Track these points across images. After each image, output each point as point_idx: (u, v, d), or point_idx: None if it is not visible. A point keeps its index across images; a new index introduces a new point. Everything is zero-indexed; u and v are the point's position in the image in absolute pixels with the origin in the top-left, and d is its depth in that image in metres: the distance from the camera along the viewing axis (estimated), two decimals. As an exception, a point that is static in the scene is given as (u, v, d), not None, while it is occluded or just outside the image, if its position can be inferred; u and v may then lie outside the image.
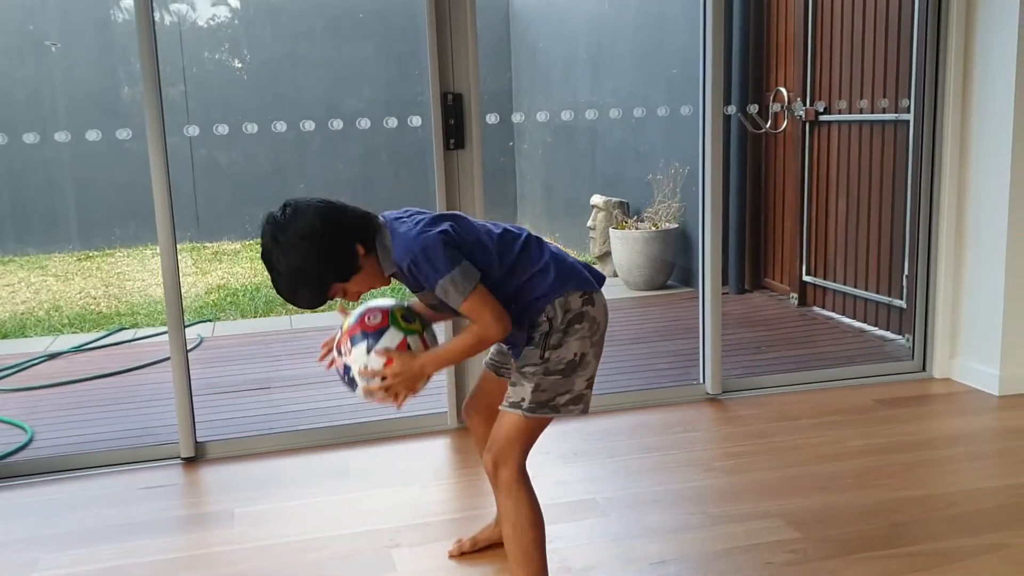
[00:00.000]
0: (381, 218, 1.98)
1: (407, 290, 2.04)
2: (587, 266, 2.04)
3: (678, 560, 2.30)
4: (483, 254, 1.92)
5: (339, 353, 1.99)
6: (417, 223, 1.92)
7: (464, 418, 2.29)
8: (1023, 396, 3.42)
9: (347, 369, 1.97)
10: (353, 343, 1.96)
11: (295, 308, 2.18)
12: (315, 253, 1.87)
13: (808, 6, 4.77)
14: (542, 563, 2.00)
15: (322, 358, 2.08)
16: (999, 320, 3.41)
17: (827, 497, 2.62)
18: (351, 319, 2.00)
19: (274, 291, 1.96)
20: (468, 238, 1.93)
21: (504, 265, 1.94)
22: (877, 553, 2.30)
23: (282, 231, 1.88)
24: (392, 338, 1.95)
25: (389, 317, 1.97)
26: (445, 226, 1.90)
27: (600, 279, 2.05)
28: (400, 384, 1.94)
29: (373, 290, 2.02)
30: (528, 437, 1.99)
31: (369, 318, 1.97)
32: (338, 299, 1.99)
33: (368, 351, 1.93)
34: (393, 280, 2.00)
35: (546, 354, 1.95)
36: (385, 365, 1.93)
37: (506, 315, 1.90)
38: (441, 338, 2.10)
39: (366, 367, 1.94)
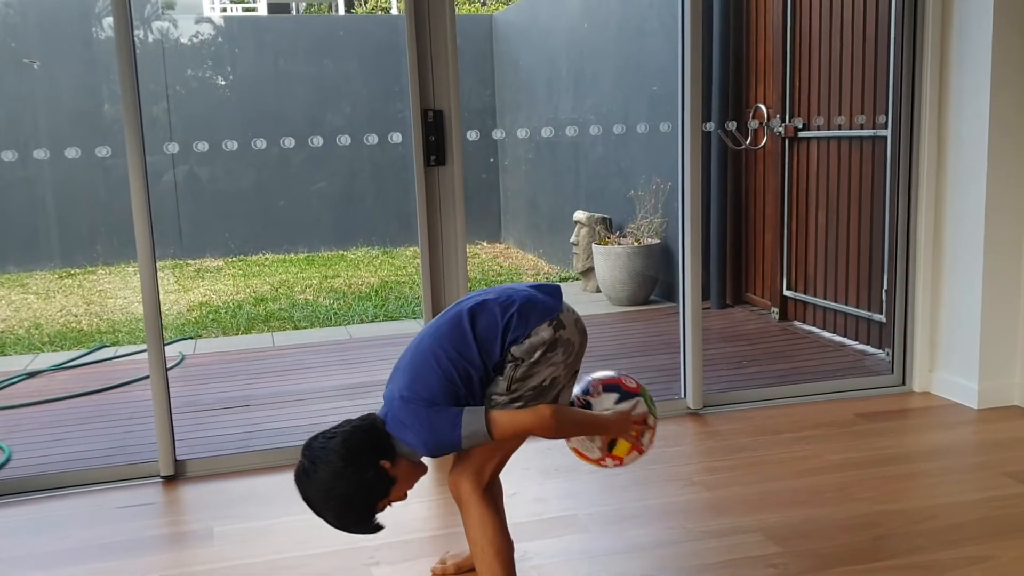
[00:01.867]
0: (380, 417, 2.02)
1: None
2: (539, 287, 2.05)
3: (659, 575, 2.30)
4: (476, 377, 1.96)
5: (586, 393, 2.17)
6: (396, 414, 1.97)
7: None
8: (1001, 409, 3.44)
9: (587, 405, 2.16)
10: (604, 390, 2.17)
11: (276, 327, 2.24)
12: (346, 493, 1.93)
13: (787, 24, 4.81)
14: None
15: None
16: (977, 334, 3.43)
17: (808, 511, 2.63)
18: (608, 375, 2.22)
19: (256, 308, 1.98)
20: (435, 393, 1.94)
21: (477, 364, 1.96)
22: (858, 567, 2.30)
23: (309, 487, 1.95)
24: (639, 407, 2.18)
25: (642, 390, 2.22)
26: (410, 397, 1.95)
27: (557, 294, 2.04)
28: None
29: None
30: (489, 456, 2.02)
31: (627, 380, 2.22)
32: None
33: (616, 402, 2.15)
34: None
35: (513, 386, 1.96)
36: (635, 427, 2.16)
37: (539, 411, 1.96)
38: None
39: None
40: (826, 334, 4.71)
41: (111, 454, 3.39)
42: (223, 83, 7.61)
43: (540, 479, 2.93)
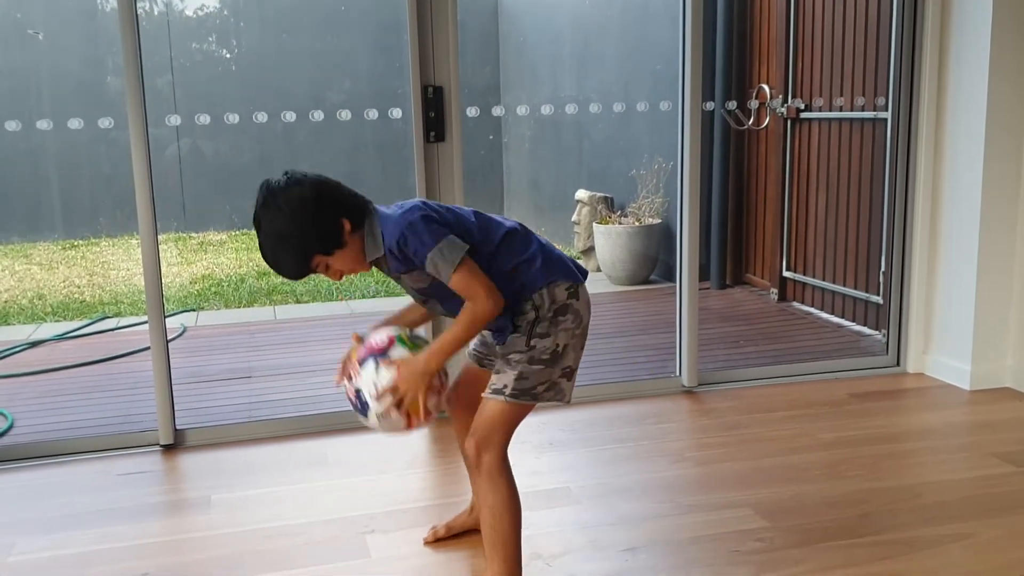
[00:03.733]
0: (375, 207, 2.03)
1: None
2: (573, 261, 2.09)
3: (648, 547, 2.34)
4: (465, 234, 1.96)
5: (350, 380, 2.02)
6: (402, 208, 1.98)
7: (446, 408, 2.31)
8: (993, 391, 3.47)
9: (358, 393, 2.00)
10: (362, 366, 2.00)
11: (279, 300, 2.24)
12: (302, 220, 1.92)
13: (790, 6, 4.81)
14: (516, 549, 2.04)
15: (339, 381, 2.08)
16: (971, 317, 3.46)
17: (796, 487, 2.67)
18: (360, 349, 2.04)
19: (258, 282, 2.00)
20: (448, 217, 1.98)
21: (485, 249, 1.98)
22: (843, 542, 2.34)
23: (274, 196, 1.94)
24: (399, 352, 2.00)
25: (396, 339, 2.03)
26: (423, 208, 1.96)
27: (584, 273, 2.09)
28: (411, 390, 1.97)
29: (354, 274, 2.06)
30: (510, 423, 2.03)
31: (376, 341, 2.02)
32: (331, 280, 2.02)
33: (376, 368, 1.98)
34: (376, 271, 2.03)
35: (532, 342, 1.99)
36: (395, 377, 1.96)
37: (497, 290, 1.94)
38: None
39: (375, 386, 1.97)
40: (824, 315, 4.74)
41: (112, 423, 3.44)
42: (227, 56, 7.61)
43: (535, 453, 2.98)
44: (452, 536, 2.40)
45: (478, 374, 2.18)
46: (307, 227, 1.92)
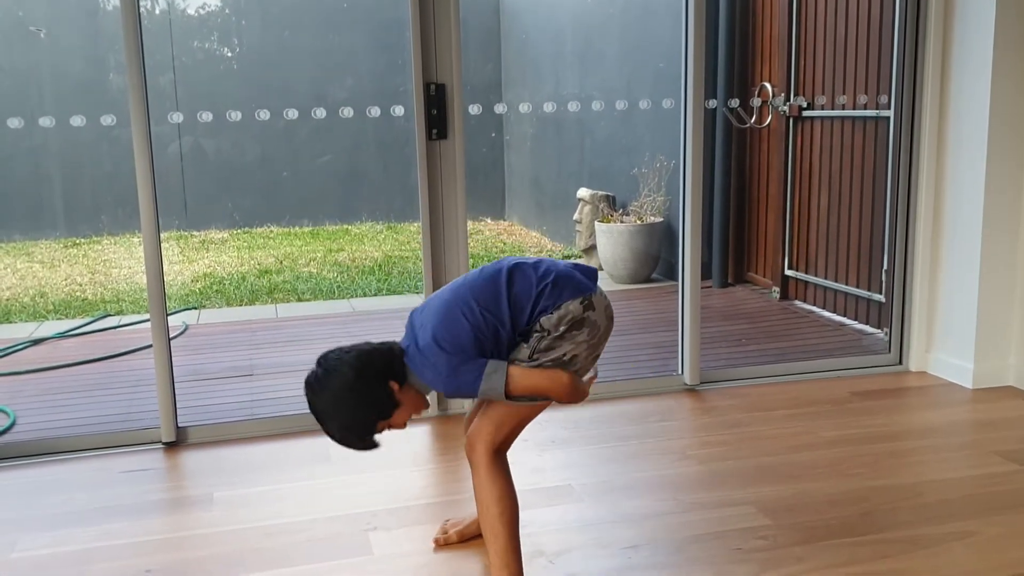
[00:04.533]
0: (401, 347, 2.05)
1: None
2: (578, 266, 2.07)
3: (650, 545, 2.34)
4: (488, 341, 1.98)
5: None
6: (422, 349, 1.99)
7: (465, 431, 2.30)
8: (996, 389, 3.47)
9: None
10: None
11: (280, 298, 2.28)
12: (353, 405, 1.99)
13: (793, 4, 4.81)
14: (509, 540, 2.04)
15: None
16: (973, 315, 3.46)
17: (798, 485, 2.66)
18: None
19: (259, 281, 2.02)
20: (464, 343, 1.97)
21: (523, 320, 2.00)
22: (845, 540, 2.34)
23: (319, 394, 2.00)
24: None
25: None
26: (441, 340, 1.96)
27: (593, 276, 2.08)
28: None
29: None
30: (504, 421, 2.03)
31: None
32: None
33: None
34: None
35: (535, 355, 1.99)
36: None
37: (558, 375, 1.98)
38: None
39: None
40: (826, 313, 4.73)
41: (114, 420, 3.44)
42: (229, 55, 7.61)
43: (538, 450, 2.97)
44: (464, 541, 2.38)
45: None
46: (360, 408, 1.99)
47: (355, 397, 1.98)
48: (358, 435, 2.03)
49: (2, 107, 6.83)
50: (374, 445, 2.06)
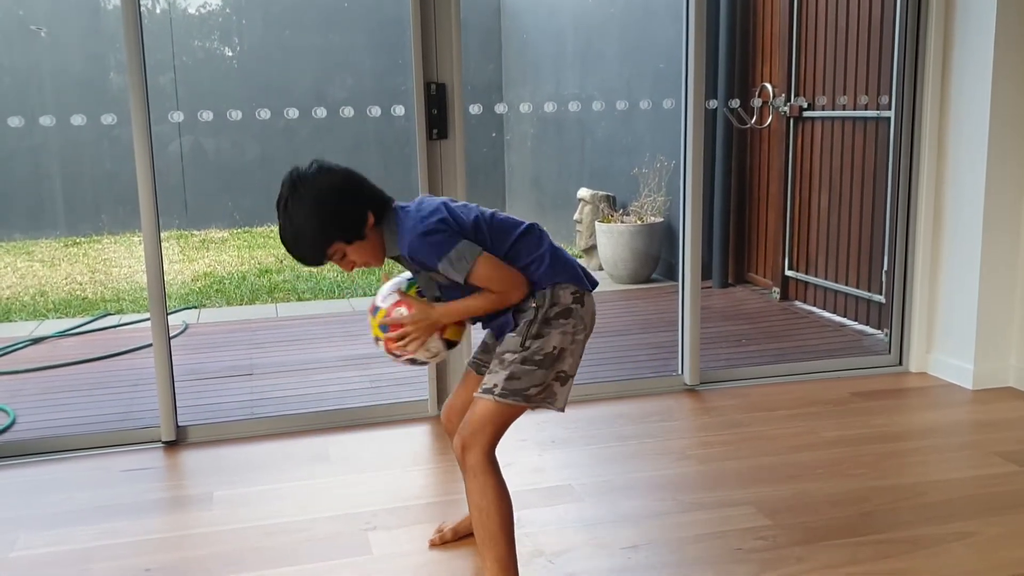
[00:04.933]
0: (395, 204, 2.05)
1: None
2: (584, 270, 2.09)
3: (649, 545, 2.34)
4: (477, 238, 1.98)
5: (372, 312, 2.13)
6: (420, 209, 2.00)
7: (443, 417, 2.30)
8: (996, 390, 3.47)
9: (375, 310, 2.11)
10: (382, 291, 2.12)
11: (280, 298, 2.26)
12: (329, 208, 1.95)
13: (793, 4, 4.81)
14: (507, 546, 2.03)
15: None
16: (973, 316, 3.46)
17: (799, 486, 2.66)
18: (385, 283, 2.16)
19: (260, 280, 2.01)
20: (464, 221, 1.99)
21: (498, 251, 1.99)
22: (845, 540, 2.34)
23: (303, 181, 1.97)
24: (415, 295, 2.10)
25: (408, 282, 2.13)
26: (440, 211, 1.97)
27: (593, 283, 2.09)
28: (416, 329, 2.03)
29: (366, 267, 2.09)
30: (498, 423, 2.02)
31: (397, 279, 2.15)
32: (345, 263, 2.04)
33: (392, 293, 2.09)
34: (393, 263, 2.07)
35: (527, 342, 1.98)
36: (406, 311, 2.04)
37: (521, 276, 1.98)
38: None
39: (385, 304, 2.08)
40: (826, 314, 4.73)
41: (114, 419, 3.44)
42: (230, 54, 7.61)
43: (538, 450, 2.97)
44: (460, 539, 2.39)
45: (476, 383, 2.17)
46: (332, 214, 1.95)
47: (334, 203, 1.95)
48: (312, 244, 1.97)
49: (3, 106, 6.83)
50: (318, 263, 2.01)
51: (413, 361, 2.13)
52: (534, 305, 1.99)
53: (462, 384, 2.25)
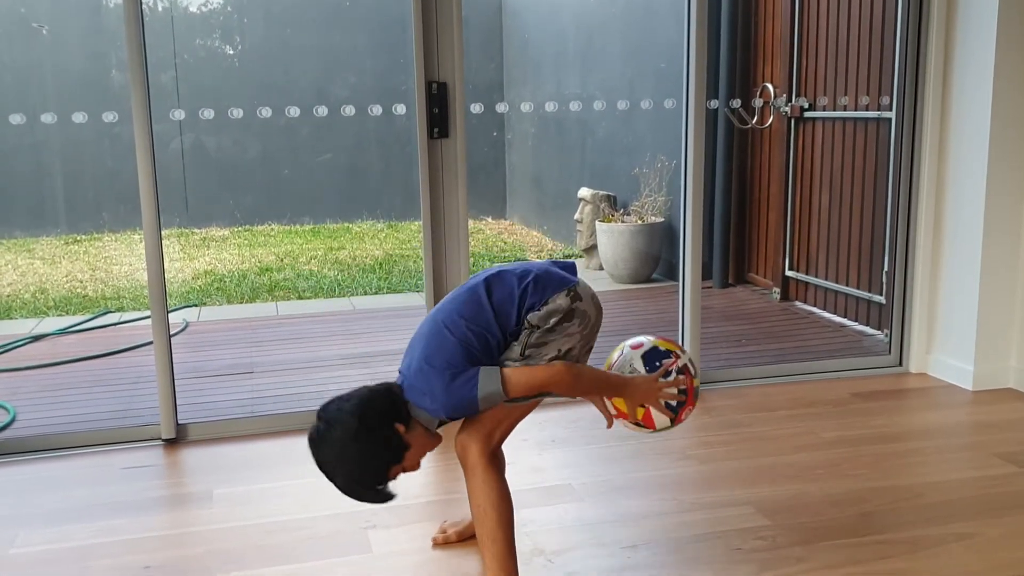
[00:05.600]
0: (398, 385, 2.02)
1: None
2: (555, 262, 2.08)
3: (649, 544, 2.34)
4: (488, 346, 1.97)
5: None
6: (413, 381, 1.98)
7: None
8: (996, 391, 3.47)
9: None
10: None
11: (281, 296, 2.24)
12: (359, 455, 1.93)
13: (795, 5, 4.81)
14: (507, 545, 2.03)
15: None
16: (974, 317, 3.45)
17: (798, 486, 2.66)
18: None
19: (260, 278, 2.00)
20: (454, 356, 1.96)
21: (494, 330, 1.98)
22: (845, 541, 2.34)
23: (322, 449, 1.95)
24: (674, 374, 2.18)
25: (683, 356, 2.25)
26: (435, 368, 1.95)
27: (572, 269, 2.09)
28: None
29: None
30: (498, 422, 2.02)
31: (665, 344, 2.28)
32: None
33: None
34: None
35: (527, 351, 1.98)
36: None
37: (553, 365, 1.96)
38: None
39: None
40: (826, 314, 4.73)
41: (114, 417, 3.44)
42: (231, 52, 7.61)
43: (538, 450, 2.97)
44: (463, 540, 2.38)
45: None
46: (369, 456, 1.93)
47: (361, 446, 1.92)
48: (369, 485, 1.96)
49: (4, 103, 6.84)
50: (389, 495, 1.98)
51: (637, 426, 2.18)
52: (528, 326, 1.99)
53: None
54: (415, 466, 2.01)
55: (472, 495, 2.03)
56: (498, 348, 1.99)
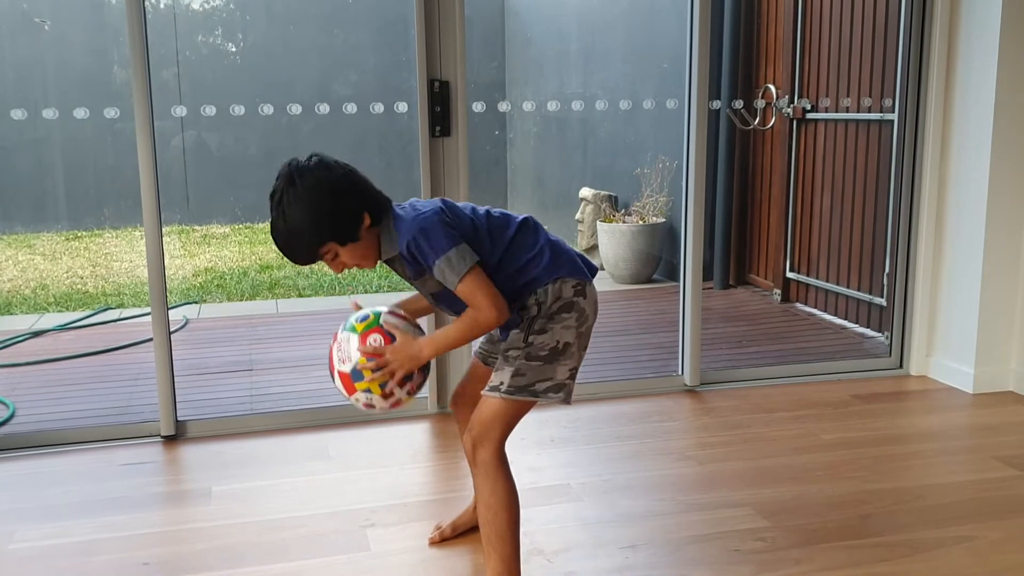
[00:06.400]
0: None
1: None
2: (582, 256, 2.07)
3: (648, 545, 2.34)
4: (475, 240, 1.95)
5: (337, 357, 2.00)
6: (416, 209, 1.96)
7: (451, 407, 2.31)
8: (997, 394, 3.46)
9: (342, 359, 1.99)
10: (344, 329, 2.00)
11: (281, 294, 2.22)
12: (326, 205, 1.87)
13: (798, 6, 4.80)
14: (514, 545, 2.03)
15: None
16: (975, 320, 3.45)
17: (798, 488, 2.66)
18: (343, 327, 2.02)
19: (261, 276, 1.98)
20: (464, 222, 1.96)
21: (496, 251, 1.97)
22: (844, 543, 2.33)
23: (300, 175, 1.89)
24: (398, 324, 2.01)
25: (374, 313, 2.02)
26: (440, 209, 1.94)
27: (593, 271, 2.08)
28: (397, 361, 1.95)
29: (357, 268, 2.02)
30: (507, 420, 2.01)
31: (358, 317, 2.01)
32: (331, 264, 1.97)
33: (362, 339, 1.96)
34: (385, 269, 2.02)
35: (529, 338, 1.98)
36: (384, 345, 1.95)
37: (503, 301, 1.92)
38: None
39: (366, 346, 1.95)
40: (827, 316, 4.73)
41: (114, 413, 3.44)
42: (233, 49, 7.61)
43: (537, 449, 2.97)
44: (458, 535, 2.39)
45: (484, 372, 2.17)
46: (328, 213, 1.88)
47: (331, 202, 1.87)
48: (306, 237, 1.89)
49: (6, 98, 6.83)
50: (309, 262, 1.94)
51: (371, 406, 2.01)
52: (536, 302, 1.99)
53: (470, 372, 2.26)
54: (341, 264, 1.95)
55: (481, 494, 2.02)
56: (491, 257, 1.96)
